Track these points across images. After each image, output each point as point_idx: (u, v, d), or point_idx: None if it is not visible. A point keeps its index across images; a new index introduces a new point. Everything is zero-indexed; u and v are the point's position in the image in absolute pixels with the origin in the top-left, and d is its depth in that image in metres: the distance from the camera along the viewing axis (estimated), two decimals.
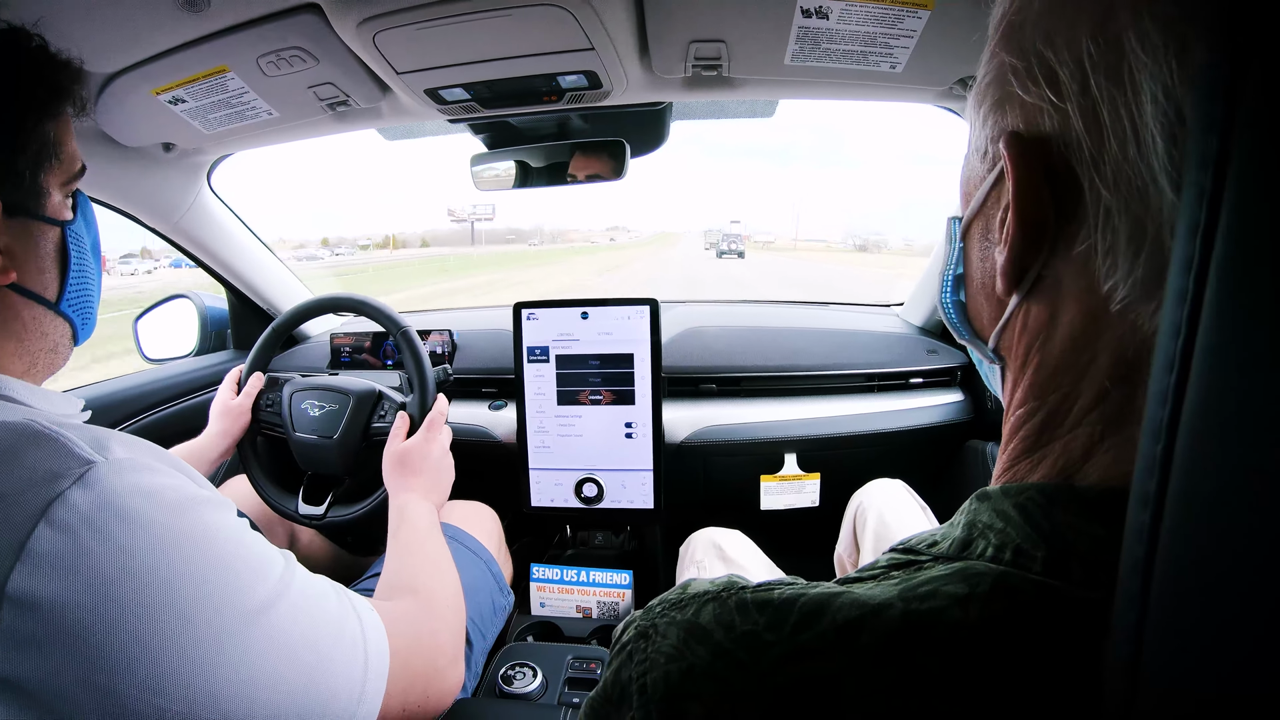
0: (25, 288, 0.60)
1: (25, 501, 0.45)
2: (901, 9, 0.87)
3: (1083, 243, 0.32)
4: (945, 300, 0.45)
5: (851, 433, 1.48)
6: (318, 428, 1.30)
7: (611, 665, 0.38)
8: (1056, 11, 0.32)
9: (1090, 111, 0.30)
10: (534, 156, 1.37)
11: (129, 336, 1.70)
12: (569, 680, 1.16)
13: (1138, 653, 0.23)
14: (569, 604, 1.50)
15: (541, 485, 1.48)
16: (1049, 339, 0.35)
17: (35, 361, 0.62)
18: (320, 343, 1.84)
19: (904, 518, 1.22)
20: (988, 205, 0.39)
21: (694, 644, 0.34)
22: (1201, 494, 0.21)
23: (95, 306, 0.69)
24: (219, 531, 0.53)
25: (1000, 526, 0.34)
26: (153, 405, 1.56)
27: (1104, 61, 0.29)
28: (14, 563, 0.43)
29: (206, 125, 1.19)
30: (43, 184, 0.60)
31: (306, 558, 1.55)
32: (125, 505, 0.48)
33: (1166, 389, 0.21)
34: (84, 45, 0.91)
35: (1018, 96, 0.34)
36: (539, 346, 1.42)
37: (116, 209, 1.40)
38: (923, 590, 0.32)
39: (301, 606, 0.57)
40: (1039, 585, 0.30)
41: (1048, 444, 0.36)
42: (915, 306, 1.75)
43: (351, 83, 1.06)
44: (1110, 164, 0.30)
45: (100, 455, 0.49)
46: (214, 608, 0.50)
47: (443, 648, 0.77)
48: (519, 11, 0.85)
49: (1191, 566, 0.21)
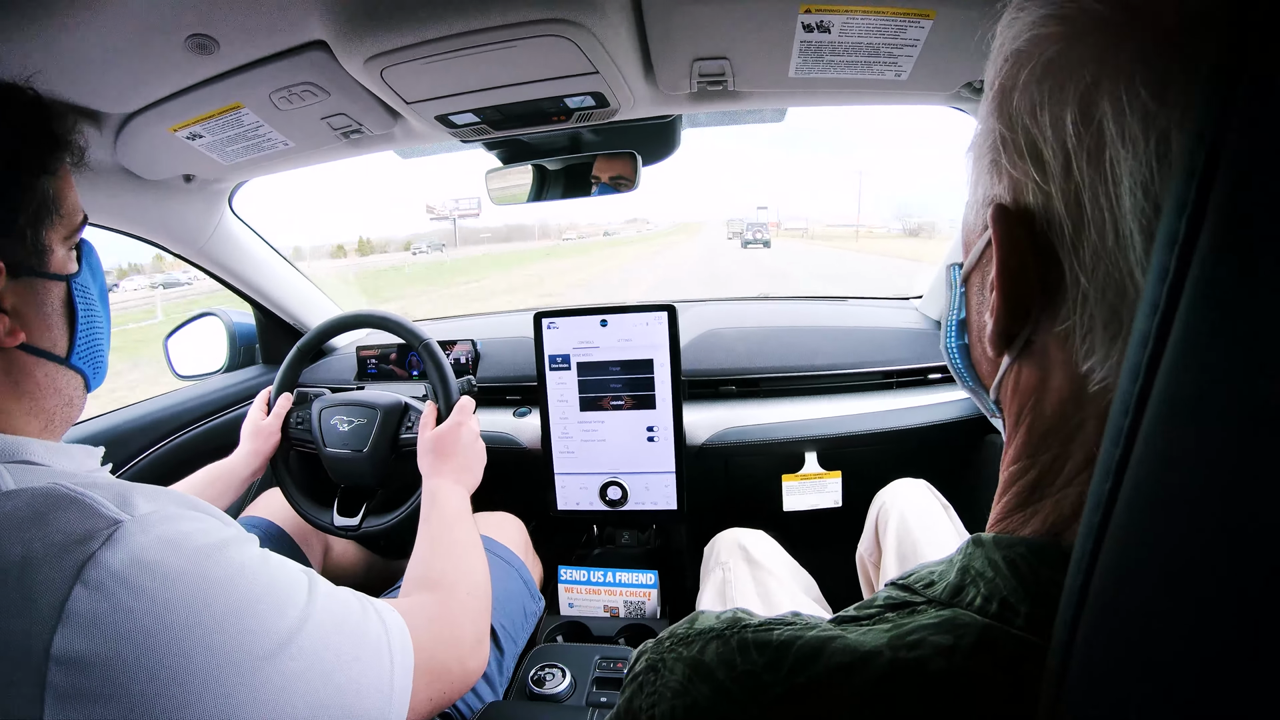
0: (35, 346, 0.60)
1: (59, 565, 0.46)
2: (904, 19, 0.86)
3: (1064, 321, 0.32)
4: (950, 345, 0.45)
5: (871, 430, 1.48)
6: (348, 442, 1.33)
7: (625, 693, 0.41)
8: (1044, 84, 0.32)
9: (1073, 195, 0.30)
10: (549, 167, 1.38)
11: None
12: (597, 680, 1.19)
13: (1059, 695, 0.26)
14: (596, 604, 1.53)
15: (567, 489, 1.51)
16: (1040, 401, 0.36)
17: (52, 417, 0.62)
18: (347, 355, 1.87)
19: (926, 519, 1.22)
20: (983, 260, 0.39)
21: (698, 681, 0.37)
22: (1132, 559, 0.22)
23: (106, 354, 0.69)
24: (243, 569, 0.55)
25: (990, 576, 0.35)
26: (186, 424, 1.61)
27: (1086, 146, 0.29)
28: (56, 624, 0.45)
29: (224, 157, 1.22)
30: (45, 241, 0.59)
31: (340, 563, 1.60)
32: (154, 559, 0.49)
33: (1111, 462, 0.23)
34: (99, 88, 0.96)
35: (1004, 166, 0.34)
36: (560, 355, 1.44)
37: (143, 239, 1.43)
38: (911, 639, 0.33)
39: (328, 622, 0.59)
40: (1020, 641, 0.31)
41: (1039, 500, 0.36)
42: (934, 300, 1.73)
43: (363, 112, 1.08)
44: (1089, 251, 0.30)
45: (126, 513, 0.50)
46: (247, 642, 0.51)
47: (464, 636, 0.78)
48: (522, 43, 0.85)
49: (1111, 626, 0.24)
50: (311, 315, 1.88)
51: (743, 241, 51.28)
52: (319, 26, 0.86)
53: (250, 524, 1.41)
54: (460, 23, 0.82)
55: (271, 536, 1.40)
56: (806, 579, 1.28)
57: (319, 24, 0.86)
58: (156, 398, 1.62)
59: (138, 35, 0.84)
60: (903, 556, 1.18)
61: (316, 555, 1.50)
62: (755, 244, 50.27)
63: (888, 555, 1.21)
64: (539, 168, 1.38)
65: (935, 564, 0.40)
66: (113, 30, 0.82)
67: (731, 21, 0.88)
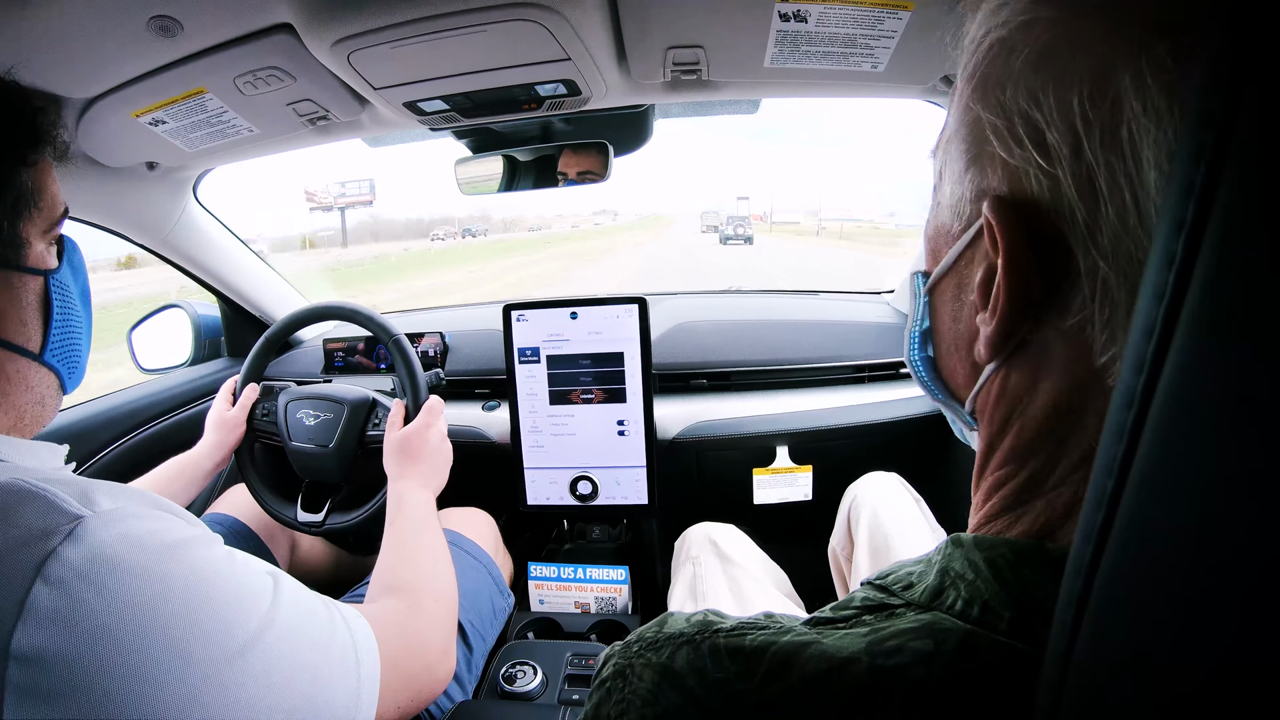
0: (6, 340, 0.59)
1: (19, 560, 0.45)
2: (881, 10, 0.86)
3: (1077, 314, 0.30)
4: (914, 358, 0.43)
5: (842, 425, 1.49)
6: (314, 436, 1.31)
7: (592, 699, 0.39)
8: (1043, 69, 0.30)
9: (1084, 178, 0.28)
10: (519, 157, 1.37)
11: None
12: (569, 677, 1.18)
13: (1056, 706, 0.25)
14: (567, 600, 1.51)
15: (537, 484, 1.50)
16: (1030, 405, 0.34)
17: (22, 415, 0.62)
18: (314, 347, 1.84)
19: (898, 513, 1.22)
20: (960, 264, 0.37)
21: (668, 689, 0.35)
22: (1138, 562, 0.21)
23: (84, 355, 0.68)
24: (206, 568, 0.54)
25: (971, 578, 0.34)
26: (151, 419, 1.57)
27: (1099, 126, 0.28)
28: (15, 621, 0.44)
29: (188, 144, 1.19)
30: (22, 234, 0.59)
31: (307, 560, 1.57)
32: (116, 555, 0.48)
33: (1113, 458, 0.22)
34: (59, 72, 0.93)
35: (999, 156, 0.33)
36: (529, 348, 1.43)
37: (105, 228, 1.40)
38: (890, 645, 0.32)
39: (294, 625, 0.58)
40: (1003, 647, 0.30)
41: (1028, 502, 0.35)
42: (905, 294, 1.75)
43: (330, 98, 1.06)
44: (1108, 235, 0.28)
45: (88, 509, 0.50)
46: (209, 642, 0.50)
47: (430, 645, 0.78)
48: (492, 27, 0.84)
49: (1113, 628, 0.23)
50: (278, 307, 1.84)
51: (721, 237, 48.68)
52: (285, 9, 0.85)
53: (215, 520, 1.39)
54: (430, 6, 0.81)
55: (237, 533, 1.38)
56: (778, 573, 1.29)
57: (285, 6, 0.84)
58: (119, 391, 1.58)
59: (99, 16, 0.82)
60: (875, 550, 1.18)
61: (283, 552, 1.47)
62: (736, 240, 47.96)
63: (860, 550, 1.21)
64: (509, 158, 1.37)
65: (912, 564, 0.39)
66: (72, 11, 0.80)
67: (707, 9, 0.87)
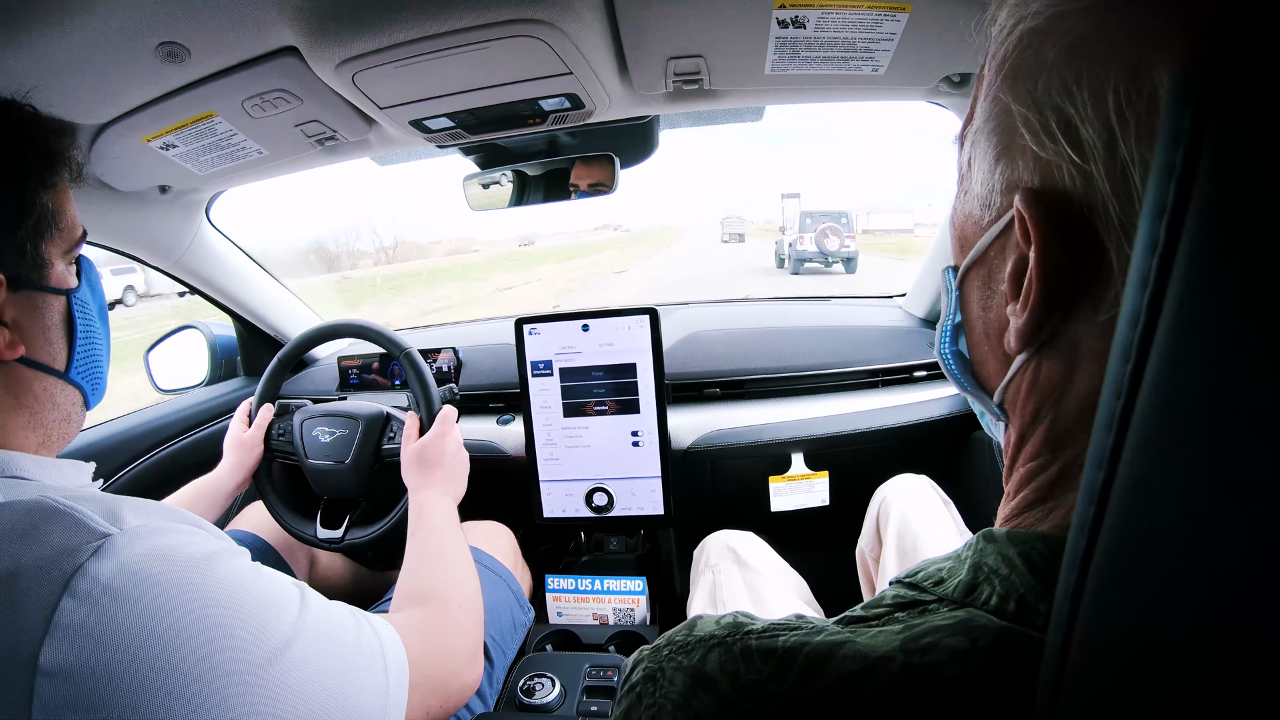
0: (34, 360, 0.60)
1: (47, 577, 0.46)
2: (880, 13, 0.86)
3: (1109, 310, 0.30)
4: (944, 351, 0.43)
5: (857, 430, 1.48)
6: (330, 453, 1.32)
7: (621, 704, 0.39)
8: (1076, 62, 0.30)
9: (1119, 174, 0.28)
10: (528, 172, 1.37)
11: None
12: (587, 689, 1.18)
13: (1054, 701, 0.24)
14: (585, 612, 1.51)
15: (553, 496, 1.50)
16: (1063, 397, 0.34)
17: (50, 433, 0.63)
18: (329, 365, 1.85)
19: (926, 515, 1.22)
20: (990, 254, 0.37)
21: (700, 692, 0.35)
22: (1128, 556, 0.21)
23: (105, 371, 0.69)
24: (234, 579, 0.55)
25: (1005, 574, 0.33)
26: (168, 438, 1.59)
27: (1135, 121, 0.27)
28: (43, 637, 0.44)
29: (199, 167, 1.21)
30: (45, 254, 0.60)
31: (327, 577, 1.58)
32: (144, 570, 0.49)
33: (1104, 450, 0.22)
34: (70, 100, 0.94)
35: (1030, 149, 0.32)
36: (542, 361, 1.43)
37: (119, 251, 1.42)
38: (925, 642, 0.32)
39: (321, 633, 0.58)
40: (1040, 643, 0.30)
41: (1061, 494, 0.35)
42: (917, 298, 1.74)
43: (337, 119, 1.07)
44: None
45: (114, 526, 0.50)
46: (239, 653, 0.51)
47: (457, 652, 0.78)
48: (493, 44, 0.85)
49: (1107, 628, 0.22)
50: (292, 326, 1.86)
51: (792, 260, 19.82)
52: (289, 32, 0.86)
53: (234, 538, 1.38)
54: (431, 25, 0.82)
55: (257, 550, 1.38)
56: (797, 580, 1.28)
57: (289, 29, 0.85)
58: (138, 411, 1.60)
59: (107, 44, 0.83)
60: (903, 552, 1.18)
61: (302, 569, 1.48)
62: (819, 261, 19.64)
63: (888, 551, 1.21)
64: (519, 173, 1.37)
65: (941, 560, 0.39)
66: (81, 39, 0.81)
67: (705, 18, 0.87)
